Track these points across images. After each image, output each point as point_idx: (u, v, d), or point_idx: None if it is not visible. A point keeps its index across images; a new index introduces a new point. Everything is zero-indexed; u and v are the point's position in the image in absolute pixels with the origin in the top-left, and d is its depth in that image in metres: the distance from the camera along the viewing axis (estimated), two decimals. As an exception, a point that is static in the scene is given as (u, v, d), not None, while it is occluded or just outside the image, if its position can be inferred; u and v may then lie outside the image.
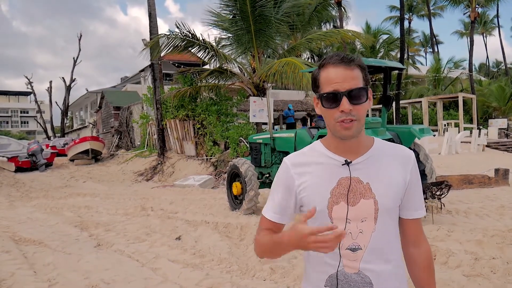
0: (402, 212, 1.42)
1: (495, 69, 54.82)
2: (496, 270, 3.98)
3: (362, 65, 1.33)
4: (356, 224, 1.32)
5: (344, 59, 1.30)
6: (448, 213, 6.68)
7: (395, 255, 1.38)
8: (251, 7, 12.10)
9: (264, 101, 12.69)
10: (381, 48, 31.92)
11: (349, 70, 1.29)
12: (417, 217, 1.44)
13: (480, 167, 11.68)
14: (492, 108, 29.70)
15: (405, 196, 1.39)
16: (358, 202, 1.32)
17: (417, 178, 1.42)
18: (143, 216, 7.61)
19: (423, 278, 1.44)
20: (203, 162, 14.37)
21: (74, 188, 12.98)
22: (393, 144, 1.44)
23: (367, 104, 1.32)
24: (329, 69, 1.31)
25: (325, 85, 1.30)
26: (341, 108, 1.27)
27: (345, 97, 1.27)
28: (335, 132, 1.32)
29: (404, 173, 1.38)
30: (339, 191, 1.33)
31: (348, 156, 1.35)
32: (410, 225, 1.44)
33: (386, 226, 1.35)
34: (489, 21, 49.74)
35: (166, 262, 4.78)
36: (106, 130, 27.37)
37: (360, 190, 1.33)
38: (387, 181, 1.34)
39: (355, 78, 1.29)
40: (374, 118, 6.28)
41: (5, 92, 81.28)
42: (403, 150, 1.43)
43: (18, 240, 6.11)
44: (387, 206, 1.34)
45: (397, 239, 1.41)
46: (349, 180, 1.33)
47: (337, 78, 1.28)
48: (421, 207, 1.44)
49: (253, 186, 7.09)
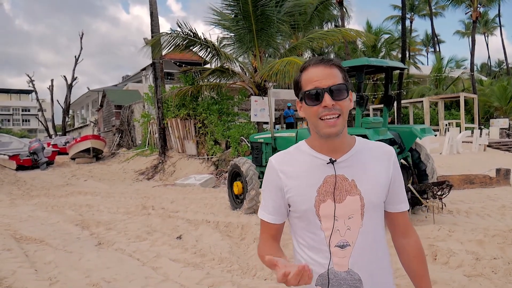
0: (389, 206, 1.47)
1: (497, 68, 54.72)
2: (498, 270, 3.98)
3: (341, 66, 1.38)
4: (344, 221, 1.35)
5: (323, 60, 1.36)
6: (449, 213, 6.67)
7: (382, 250, 1.41)
8: (253, 6, 12.09)
9: (265, 100, 12.68)
10: (383, 47, 31.85)
11: (328, 68, 1.34)
12: (403, 210, 1.48)
13: (481, 167, 11.66)
14: (493, 108, 29.65)
15: (390, 191, 1.44)
16: (345, 199, 1.35)
17: (398, 172, 1.46)
18: (144, 215, 7.62)
19: (415, 266, 1.48)
20: (204, 161, 14.38)
21: (75, 187, 13.00)
22: (374, 142, 1.50)
23: (348, 102, 1.36)
24: (309, 70, 1.36)
25: (307, 84, 1.35)
26: (323, 104, 1.31)
27: (327, 93, 1.31)
28: (318, 130, 1.36)
29: (387, 169, 1.42)
30: (325, 189, 1.36)
31: (333, 154, 1.38)
32: (398, 218, 1.49)
33: (373, 221, 1.38)
34: (491, 20, 49.62)
35: (167, 261, 4.79)
36: (107, 129, 27.39)
37: (346, 187, 1.36)
38: (371, 177, 1.38)
39: (335, 76, 1.34)
40: (376, 118, 6.28)
41: (6, 90, 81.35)
42: (384, 147, 1.47)
43: (19, 238, 6.13)
44: (373, 202, 1.37)
45: (383, 235, 1.44)
46: (335, 178, 1.36)
47: (317, 76, 1.33)
48: (405, 200, 1.49)
49: (254, 185, 7.09)
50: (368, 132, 5.55)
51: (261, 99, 12.84)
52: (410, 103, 27.84)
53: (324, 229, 1.36)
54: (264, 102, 12.71)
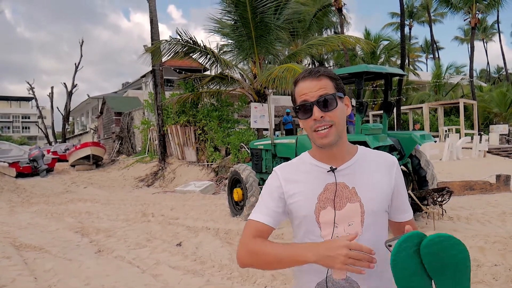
0: (395, 216, 1.48)
1: (496, 74, 54.86)
2: (498, 277, 3.97)
3: (331, 75, 1.39)
4: (344, 227, 1.36)
5: (311, 72, 1.38)
6: (450, 220, 6.66)
7: (382, 259, 1.37)
8: (251, 13, 12.15)
9: (265, 107, 12.71)
10: (382, 54, 31.98)
11: (316, 81, 1.36)
12: (408, 219, 1.49)
13: (481, 173, 11.66)
14: (493, 114, 29.69)
15: (394, 201, 1.45)
16: (345, 206, 1.36)
17: (402, 182, 1.47)
18: (143, 222, 7.60)
19: None
20: (204, 168, 14.37)
21: (75, 194, 12.98)
22: (377, 151, 1.50)
23: (341, 110, 1.37)
24: (299, 84, 1.39)
25: (298, 98, 1.39)
26: (313, 117, 1.34)
27: (315, 106, 1.33)
28: (314, 142, 1.39)
29: (389, 179, 1.43)
30: (325, 196, 1.37)
31: (333, 163, 1.40)
32: (405, 227, 1.46)
33: (373, 229, 1.38)
34: (490, 27, 49.89)
35: (167, 268, 4.77)
36: (107, 136, 27.41)
37: (346, 195, 1.37)
38: (372, 185, 1.39)
39: (323, 87, 1.35)
40: (375, 124, 6.29)
41: (6, 98, 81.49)
42: (387, 157, 1.48)
43: (18, 246, 6.11)
44: (373, 209, 1.37)
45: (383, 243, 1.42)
46: (335, 185, 1.37)
47: (305, 90, 1.36)
48: (409, 209, 1.51)
49: (254, 192, 7.09)
50: (368, 138, 5.56)
51: (261, 105, 12.86)
52: (410, 109, 27.88)
53: (324, 235, 1.36)
54: (264, 109, 12.73)
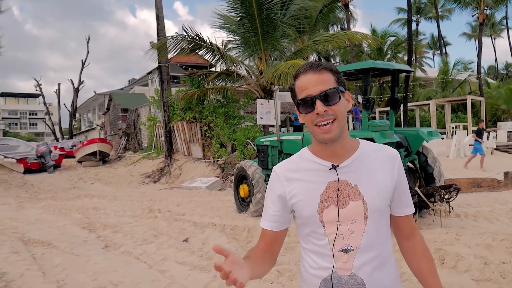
0: (395, 210, 1.46)
1: (504, 71, 54.29)
2: (506, 275, 3.94)
3: (332, 69, 1.37)
4: (347, 225, 1.35)
5: (313, 66, 1.36)
6: (457, 217, 6.63)
7: (386, 255, 1.40)
8: (257, 10, 12.12)
9: (271, 103, 12.69)
10: (389, 50, 31.80)
11: (318, 74, 1.34)
12: (409, 214, 1.48)
13: (489, 171, 11.58)
14: (501, 111, 29.47)
15: (395, 195, 1.43)
16: (348, 204, 1.35)
17: (403, 176, 1.46)
18: (150, 218, 7.64)
19: (423, 265, 1.48)
20: (210, 164, 14.40)
21: (82, 190, 13.06)
22: (378, 145, 1.48)
23: (343, 104, 1.35)
24: (300, 78, 1.37)
25: (299, 92, 1.36)
26: (315, 111, 1.32)
27: (318, 100, 1.32)
28: (315, 137, 1.38)
29: (391, 173, 1.41)
30: (328, 195, 1.36)
31: (335, 160, 1.39)
32: (404, 221, 1.49)
33: (377, 226, 1.38)
34: (498, 22, 49.32)
35: (174, 264, 4.80)
36: (113, 132, 27.54)
37: (348, 193, 1.36)
38: (375, 182, 1.38)
39: (326, 81, 1.33)
40: (382, 120, 6.26)
41: (14, 94, 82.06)
42: (389, 150, 1.46)
43: (27, 241, 6.17)
44: (376, 207, 1.37)
45: (388, 239, 1.43)
46: (338, 183, 1.36)
47: (308, 84, 1.34)
48: (410, 203, 1.49)
49: (260, 188, 7.09)
50: (374, 135, 5.53)
51: (267, 102, 12.84)
52: (417, 106, 27.72)
53: (328, 234, 1.37)
54: (270, 105, 12.71)
